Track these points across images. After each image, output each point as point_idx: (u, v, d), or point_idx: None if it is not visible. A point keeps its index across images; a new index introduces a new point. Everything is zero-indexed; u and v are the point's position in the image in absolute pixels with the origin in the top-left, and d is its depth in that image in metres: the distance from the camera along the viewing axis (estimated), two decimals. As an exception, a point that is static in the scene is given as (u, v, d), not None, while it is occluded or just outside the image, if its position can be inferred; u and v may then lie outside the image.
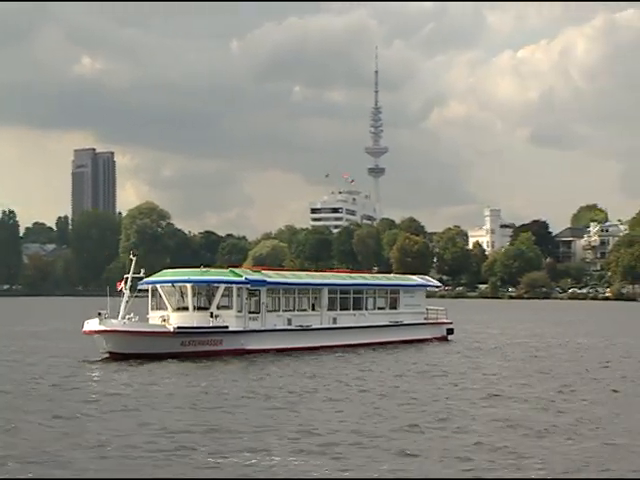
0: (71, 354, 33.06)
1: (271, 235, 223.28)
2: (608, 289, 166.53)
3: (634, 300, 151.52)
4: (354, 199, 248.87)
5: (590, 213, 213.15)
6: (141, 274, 33.10)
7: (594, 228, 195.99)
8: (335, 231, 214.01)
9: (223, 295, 33.20)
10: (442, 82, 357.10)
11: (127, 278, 32.18)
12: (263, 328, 33.99)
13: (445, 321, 43.64)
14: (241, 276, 34.14)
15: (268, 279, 35.11)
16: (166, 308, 33.18)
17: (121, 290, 31.61)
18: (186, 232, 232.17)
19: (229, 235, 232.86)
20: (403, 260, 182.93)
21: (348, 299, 38.61)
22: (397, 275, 51.42)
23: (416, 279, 45.38)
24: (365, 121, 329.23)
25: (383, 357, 33.80)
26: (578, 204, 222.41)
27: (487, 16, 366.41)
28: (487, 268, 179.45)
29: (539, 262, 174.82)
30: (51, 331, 49.65)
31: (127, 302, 31.52)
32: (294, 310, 35.91)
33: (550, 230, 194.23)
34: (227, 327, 32.51)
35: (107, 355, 30.80)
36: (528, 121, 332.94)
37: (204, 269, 35.47)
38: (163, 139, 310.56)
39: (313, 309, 36.85)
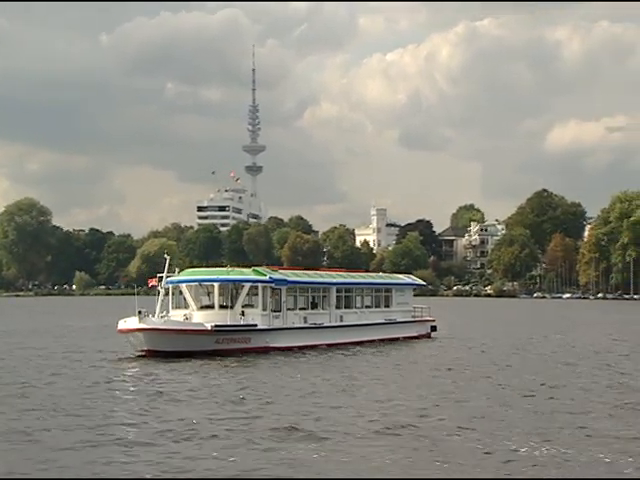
0: (99, 353, 33.48)
1: (158, 233, 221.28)
2: (489, 286, 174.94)
3: (514, 297, 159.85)
4: (240, 197, 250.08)
5: (468, 213, 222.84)
6: (175, 273, 34.25)
7: (474, 228, 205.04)
8: (223, 229, 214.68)
9: (248, 294, 34.04)
10: (315, 82, 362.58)
11: (161, 277, 32.86)
12: (285, 326, 34.91)
13: (429, 319, 45.09)
14: (265, 275, 34.86)
15: (289, 278, 36.17)
16: (187, 307, 33.91)
17: (153, 288, 32.38)
18: (71, 229, 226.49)
19: (109, 233, 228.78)
20: (294, 258, 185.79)
21: (352, 297, 40.08)
22: (385, 274, 52.71)
23: (404, 278, 46.98)
24: (241, 119, 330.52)
25: (397, 352, 35.51)
26: (444, 203, 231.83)
27: (359, 19, 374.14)
28: (376, 266, 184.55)
29: (425, 260, 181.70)
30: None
31: (162, 301, 32.39)
32: (308, 308, 37.06)
33: (434, 229, 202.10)
34: (256, 325, 33.35)
35: (140, 353, 31.30)
36: (397, 123, 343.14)
37: (229, 268, 36.40)
38: (27, 133, 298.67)
39: (322, 307, 38.04)
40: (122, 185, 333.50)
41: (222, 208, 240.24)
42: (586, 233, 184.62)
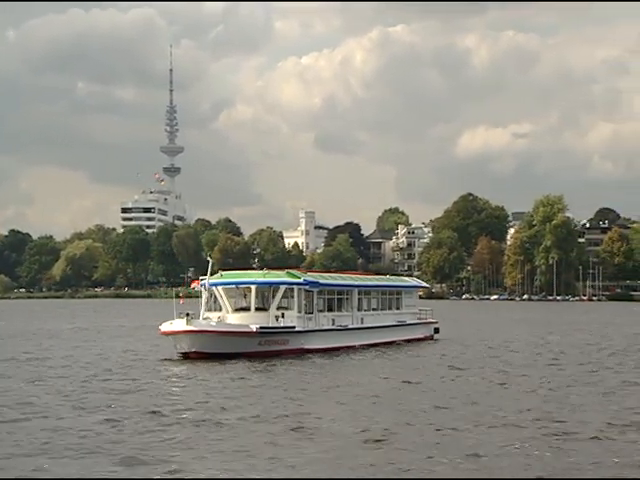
0: (141, 356, 33.56)
1: (82, 235, 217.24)
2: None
3: (444, 298, 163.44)
4: (165, 199, 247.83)
5: (394, 216, 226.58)
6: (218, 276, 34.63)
7: (401, 230, 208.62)
8: (149, 231, 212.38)
9: (283, 296, 34.37)
10: (231, 84, 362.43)
11: (204, 279, 33.35)
12: (317, 328, 35.42)
13: (432, 321, 45.90)
14: (299, 278, 35.29)
15: (320, 281, 36.68)
16: (220, 309, 34.14)
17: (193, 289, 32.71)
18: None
19: (24, 233, 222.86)
20: (224, 261, 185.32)
21: (370, 299, 40.84)
22: (392, 276, 53.20)
23: (410, 280, 47.78)
24: (157, 120, 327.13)
25: (425, 352, 36.73)
26: (361, 205, 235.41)
27: (275, 22, 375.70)
28: (305, 268, 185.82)
29: (355, 263, 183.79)
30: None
31: (207, 303, 32.83)
32: (334, 311, 37.56)
33: (362, 232, 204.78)
34: (294, 327, 33.78)
35: (181, 355, 31.55)
36: (312, 126, 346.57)
37: (265, 271, 36.76)
38: None
39: (346, 310, 38.58)
40: (30, 186, 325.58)
41: (147, 210, 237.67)
42: (509, 236, 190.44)
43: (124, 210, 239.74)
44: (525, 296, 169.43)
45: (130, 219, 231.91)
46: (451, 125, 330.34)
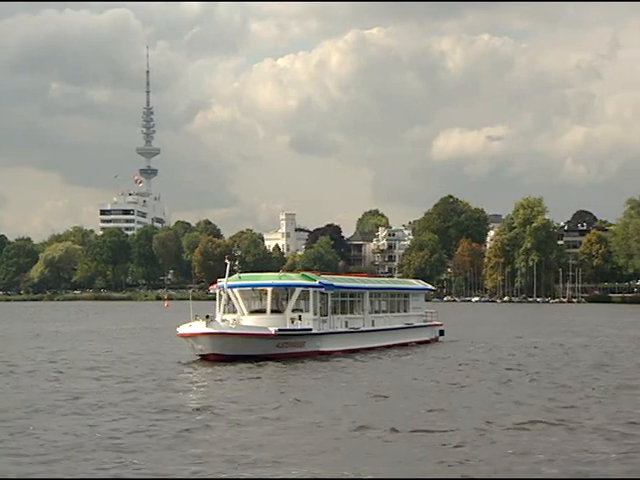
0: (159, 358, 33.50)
1: (60, 237, 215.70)
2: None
3: (426, 300, 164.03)
4: (144, 201, 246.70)
5: (374, 218, 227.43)
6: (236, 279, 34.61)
7: (382, 233, 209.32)
8: (129, 233, 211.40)
9: (299, 299, 34.43)
10: (207, 86, 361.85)
11: (223, 282, 33.36)
12: (331, 330, 35.50)
13: (438, 323, 46.05)
14: (315, 280, 35.34)
15: (335, 283, 36.77)
16: (235, 311, 34.04)
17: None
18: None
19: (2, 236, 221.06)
20: (205, 263, 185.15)
21: (380, 302, 41.02)
22: (399, 279, 53.35)
23: (416, 283, 47.91)
24: (132, 121, 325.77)
25: (441, 354, 36.82)
26: (341, 208, 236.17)
27: (251, 24, 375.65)
28: (287, 271, 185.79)
29: (336, 265, 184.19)
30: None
31: (225, 305, 32.93)
32: (347, 313, 37.61)
33: (343, 234, 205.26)
34: (311, 330, 33.86)
35: (199, 357, 31.60)
36: (288, 128, 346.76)
37: (281, 273, 36.80)
38: None
39: (357, 312, 38.62)
40: (3, 187, 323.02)
41: (127, 212, 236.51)
42: (489, 238, 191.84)
43: (103, 212, 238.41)
44: (506, 298, 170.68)
45: (109, 221, 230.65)
46: (427, 128, 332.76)
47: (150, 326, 62.87)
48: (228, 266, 34.12)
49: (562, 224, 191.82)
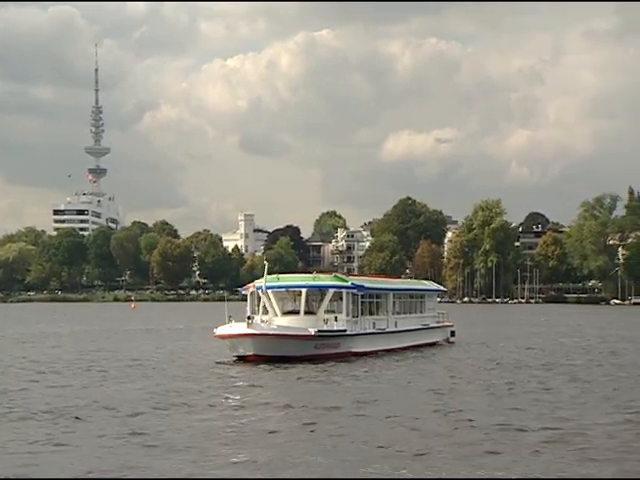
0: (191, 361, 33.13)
1: (12, 237, 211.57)
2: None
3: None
4: (99, 201, 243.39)
5: (331, 219, 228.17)
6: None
7: (341, 234, 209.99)
8: (84, 234, 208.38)
9: (331, 300, 34.39)
10: (155, 86, 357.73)
11: (261, 283, 33.20)
12: (362, 331, 35.58)
13: (449, 324, 46.27)
14: (347, 281, 35.43)
15: (365, 284, 36.83)
16: (267, 312, 33.56)
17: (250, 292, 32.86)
18: None
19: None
20: (164, 264, 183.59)
21: (401, 303, 41.01)
22: (412, 280, 53.26)
23: (429, 284, 48.04)
24: (78, 120, 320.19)
25: (461, 355, 36.98)
26: (292, 209, 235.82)
27: (200, 24, 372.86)
28: (246, 272, 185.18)
29: (296, 266, 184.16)
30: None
31: (264, 306, 32.64)
32: (374, 314, 37.65)
33: (302, 235, 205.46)
34: (345, 331, 33.90)
35: (236, 358, 31.44)
36: (238, 128, 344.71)
37: (315, 274, 36.66)
38: None
39: (382, 313, 38.67)
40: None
41: (81, 212, 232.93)
42: (446, 239, 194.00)
43: (56, 212, 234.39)
44: (465, 299, 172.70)
45: (63, 221, 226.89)
46: (376, 130, 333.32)
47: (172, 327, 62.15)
48: (266, 267, 33.95)
49: (515, 225, 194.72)
